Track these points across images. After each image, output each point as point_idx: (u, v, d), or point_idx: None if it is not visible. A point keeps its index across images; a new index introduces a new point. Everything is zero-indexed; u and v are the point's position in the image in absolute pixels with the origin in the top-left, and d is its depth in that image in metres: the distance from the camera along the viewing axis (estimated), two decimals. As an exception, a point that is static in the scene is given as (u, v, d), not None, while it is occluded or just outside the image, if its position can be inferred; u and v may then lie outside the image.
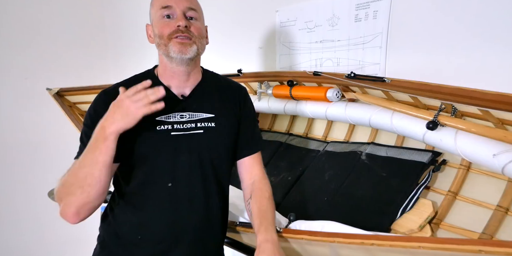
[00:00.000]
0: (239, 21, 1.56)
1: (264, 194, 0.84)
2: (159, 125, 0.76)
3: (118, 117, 0.66)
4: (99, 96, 0.78)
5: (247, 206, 0.86)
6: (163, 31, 0.75)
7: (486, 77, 0.89)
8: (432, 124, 0.87)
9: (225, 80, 0.91)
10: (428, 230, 0.86)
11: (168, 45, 0.75)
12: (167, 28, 0.75)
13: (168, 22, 0.75)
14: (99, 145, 0.67)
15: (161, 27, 0.75)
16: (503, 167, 0.75)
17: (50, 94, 1.76)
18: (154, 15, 0.78)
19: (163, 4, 0.75)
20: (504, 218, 0.81)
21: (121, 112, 0.66)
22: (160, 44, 0.76)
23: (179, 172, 0.78)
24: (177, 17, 0.75)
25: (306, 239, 0.80)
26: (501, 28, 0.85)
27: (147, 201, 0.78)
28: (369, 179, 1.03)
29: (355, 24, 1.15)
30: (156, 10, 0.77)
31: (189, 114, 0.79)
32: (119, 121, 0.66)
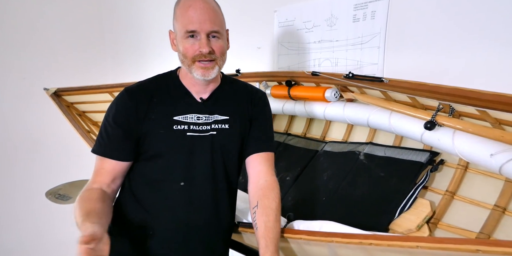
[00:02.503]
0: (237, 21, 1.56)
1: (271, 205, 0.80)
2: (176, 125, 0.80)
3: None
4: (121, 95, 0.81)
5: (252, 215, 0.82)
6: (187, 52, 0.78)
7: (483, 78, 0.90)
8: (430, 124, 0.88)
9: (243, 85, 0.93)
10: (426, 230, 0.86)
11: (192, 67, 0.79)
12: (191, 50, 0.77)
13: (192, 43, 0.77)
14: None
15: (185, 47, 0.77)
16: (500, 166, 0.75)
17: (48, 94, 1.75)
18: (178, 30, 0.79)
19: (187, 28, 0.76)
20: (502, 217, 0.82)
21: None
22: (183, 62, 0.80)
23: (192, 172, 0.81)
24: (201, 40, 0.77)
25: (304, 239, 0.80)
26: (498, 29, 0.85)
27: (159, 198, 0.81)
28: (367, 178, 1.03)
29: (353, 25, 1.15)
30: (180, 28, 0.78)
31: (205, 116, 0.82)
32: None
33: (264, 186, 0.83)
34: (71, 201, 1.48)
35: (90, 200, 0.74)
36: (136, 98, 0.80)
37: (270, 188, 0.82)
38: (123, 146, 0.79)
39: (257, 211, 0.80)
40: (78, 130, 1.68)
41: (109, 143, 0.79)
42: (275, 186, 0.83)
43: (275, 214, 0.80)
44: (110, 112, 0.80)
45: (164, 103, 0.81)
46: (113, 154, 0.79)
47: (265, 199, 0.81)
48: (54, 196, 1.47)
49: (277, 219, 0.80)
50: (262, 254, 0.75)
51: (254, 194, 0.83)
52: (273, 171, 0.87)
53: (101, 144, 0.80)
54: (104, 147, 0.80)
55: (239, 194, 1.19)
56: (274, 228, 0.78)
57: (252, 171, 0.86)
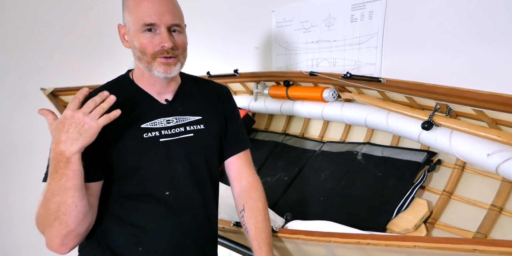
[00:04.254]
0: (235, 21, 1.56)
1: (258, 205, 0.79)
2: (145, 133, 0.71)
3: (74, 136, 0.59)
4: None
5: (241, 218, 0.80)
6: (146, 48, 0.69)
7: (480, 78, 0.90)
8: (427, 125, 0.88)
9: (204, 81, 0.88)
10: (423, 230, 0.86)
11: (152, 64, 0.70)
12: (150, 45, 0.68)
13: (151, 38, 0.68)
14: (63, 171, 0.60)
15: (142, 42, 0.68)
16: (497, 166, 0.76)
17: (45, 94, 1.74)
18: (132, 23, 0.69)
19: (145, 20, 0.67)
20: (498, 217, 0.82)
21: (75, 129, 0.59)
22: (141, 59, 0.70)
23: (175, 179, 0.73)
24: (161, 34, 0.68)
25: (302, 239, 0.80)
26: (496, 29, 0.86)
27: (145, 212, 0.72)
28: (365, 178, 1.03)
29: (351, 25, 1.15)
30: (134, 20, 0.68)
31: (176, 118, 0.76)
32: (76, 140, 0.59)
33: (247, 187, 0.81)
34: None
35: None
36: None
37: (254, 188, 0.81)
38: (92, 164, 0.66)
39: (244, 214, 0.79)
40: (75, 130, 1.67)
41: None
42: (258, 185, 0.82)
43: (263, 214, 0.78)
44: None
45: (126, 112, 0.68)
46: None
47: (250, 201, 0.79)
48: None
49: (266, 218, 0.78)
50: (256, 255, 0.74)
51: (239, 197, 0.82)
52: (253, 169, 0.85)
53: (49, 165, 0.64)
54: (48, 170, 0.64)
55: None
56: (265, 228, 0.77)
57: (233, 173, 0.84)
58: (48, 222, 0.62)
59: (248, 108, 1.46)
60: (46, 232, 0.64)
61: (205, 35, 1.69)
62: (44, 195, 0.63)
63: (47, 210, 0.62)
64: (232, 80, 1.43)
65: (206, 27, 1.66)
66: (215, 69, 1.43)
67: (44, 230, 0.64)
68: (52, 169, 0.61)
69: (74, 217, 0.62)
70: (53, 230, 0.62)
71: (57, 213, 0.62)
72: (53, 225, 0.62)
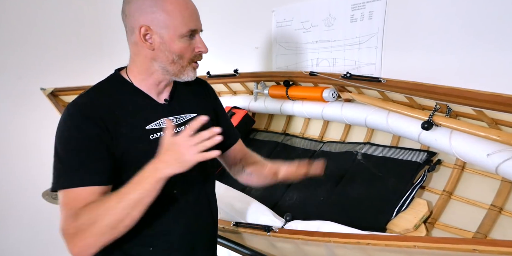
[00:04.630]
0: (235, 21, 1.56)
1: (255, 158, 0.91)
2: (151, 134, 0.72)
3: (172, 162, 0.62)
4: (74, 116, 0.68)
5: (240, 174, 0.90)
6: (185, 53, 0.72)
7: (480, 78, 0.90)
8: (427, 125, 0.88)
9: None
10: (423, 230, 0.87)
11: (186, 68, 0.73)
12: (189, 51, 0.72)
13: (189, 43, 0.72)
14: (148, 186, 0.61)
15: (182, 47, 0.71)
16: (497, 166, 0.76)
17: (45, 94, 1.74)
18: (171, 28, 0.70)
19: (190, 26, 0.70)
20: (498, 217, 0.82)
21: (174, 157, 0.62)
22: (175, 63, 0.72)
23: (181, 177, 0.72)
24: (198, 40, 0.73)
25: (302, 239, 0.80)
26: (496, 29, 0.86)
27: (154, 212, 0.70)
28: (364, 178, 1.03)
29: (351, 25, 1.15)
30: (178, 25, 0.70)
31: (176, 117, 0.77)
32: (173, 166, 0.62)
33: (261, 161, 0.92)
34: (68, 201, 1.47)
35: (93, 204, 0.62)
36: (98, 115, 0.67)
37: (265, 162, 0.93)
38: (101, 167, 0.65)
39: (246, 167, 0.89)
40: (75, 130, 1.67)
41: (81, 168, 0.64)
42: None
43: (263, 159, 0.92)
44: (69, 138, 0.66)
45: (129, 114, 0.70)
46: (92, 179, 0.64)
47: (248, 158, 0.91)
48: (51, 197, 1.46)
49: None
50: (277, 167, 0.88)
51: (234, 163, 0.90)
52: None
53: (68, 173, 0.64)
54: (74, 175, 0.63)
55: (236, 194, 1.19)
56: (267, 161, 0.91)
57: (239, 156, 0.90)
58: (103, 229, 0.60)
59: (248, 108, 1.46)
60: (88, 238, 0.61)
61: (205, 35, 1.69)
62: (114, 203, 0.61)
63: (113, 218, 0.61)
64: (232, 80, 1.43)
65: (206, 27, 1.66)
66: (215, 69, 1.43)
67: (86, 236, 0.61)
68: (139, 181, 0.62)
69: (127, 230, 0.62)
70: (103, 238, 0.61)
71: (120, 223, 0.61)
72: (105, 233, 0.61)
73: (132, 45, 0.74)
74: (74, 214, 0.61)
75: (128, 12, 0.72)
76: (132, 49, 0.75)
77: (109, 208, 0.61)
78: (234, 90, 1.56)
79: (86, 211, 0.61)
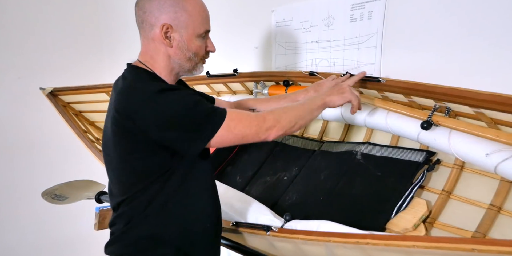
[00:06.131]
0: (234, 20, 1.56)
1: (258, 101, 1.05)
2: None
3: (336, 94, 0.85)
4: (161, 86, 0.74)
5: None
6: (199, 51, 0.80)
7: (480, 78, 0.90)
8: (426, 124, 0.88)
9: None
10: (423, 229, 0.87)
11: (198, 64, 0.82)
12: (202, 49, 0.81)
13: (203, 42, 0.80)
14: (319, 103, 0.83)
15: (198, 46, 0.80)
16: (495, 166, 0.76)
17: (44, 94, 1.74)
18: (190, 27, 0.77)
19: (206, 27, 0.80)
20: (497, 216, 0.82)
21: (338, 92, 0.86)
22: (191, 60, 0.80)
23: (208, 164, 0.83)
24: (209, 40, 0.83)
25: (301, 239, 0.80)
26: (496, 29, 0.86)
27: (194, 195, 0.81)
28: (364, 178, 1.03)
29: (350, 24, 1.15)
30: (197, 26, 0.77)
31: None
32: (337, 97, 0.85)
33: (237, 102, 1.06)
34: (68, 201, 1.47)
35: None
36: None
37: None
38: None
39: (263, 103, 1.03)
40: (74, 130, 1.67)
41: (213, 106, 0.74)
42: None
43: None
44: (182, 98, 0.71)
45: None
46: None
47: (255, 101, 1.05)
48: (50, 196, 1.46)
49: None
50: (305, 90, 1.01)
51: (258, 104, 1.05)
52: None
53: (216, 109, 0.72)
54: (217, 111, 0.72)
55: (235, 194, 1.19)
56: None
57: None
58: (292, 116, 0.78)
59: (248, 108, 1.46)
60: (293, 121, 0.78)
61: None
62: (295, 105, 0.83)
63: (297, 110, 0.80)
64: (232, 80, 1.43)
65: (205, 27, 1.66)
66: (214, 69, 1.43)
67: (284, 121, 0.76)
68: (311, 100, 0.84)
69: (301, 127, 0.85)
70: (290, 124, 0.77)
71: (301, 119, 0.80)
72: (293, 121, 0.78)
73: (149, 41, 0.79)
74: (255, 116, 0.75)
75: (148, 9, 0.76)
76: (148, 45, 0.80)
77: (295, 107, 0.81)
78: (234, 90, 1.56)
79: (275, 109, 0.79)
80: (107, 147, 0.80)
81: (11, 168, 2.05)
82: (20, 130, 2.07)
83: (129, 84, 0.75)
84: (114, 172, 0.81)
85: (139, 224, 0.79)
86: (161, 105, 0.69)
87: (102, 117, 1.90)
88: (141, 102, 0.70)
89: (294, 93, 1.03)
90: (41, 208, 1.80)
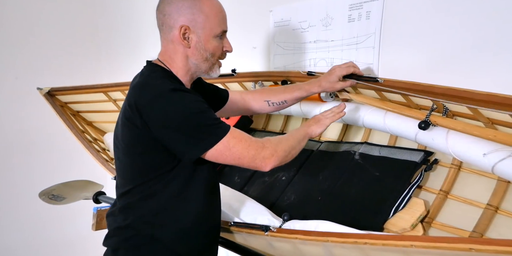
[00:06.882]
0: (233, 20, 1.55)
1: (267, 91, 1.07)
2: None
3: (316, 124, 0.91)
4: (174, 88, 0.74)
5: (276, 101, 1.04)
6: (216, 52, 0.82)
7: (477, 78, 0.90)
8: (424, 124, 0.88)
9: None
10: (420, 229, 0.87)
11: (214, 65, 0.83)
12: (219, 50, 0.82)
13: (220, 42, 0.82)
14: (303, 134, 0.87)
15: (215, 46, 0.81)
16: (493, 166, 0.76)
17: (41, 94, 1.74)
18: (207, 28, 0.79)
19: (223, 28, 0.82)
20: (494, 216, 0.82)
21: (317, 122, 0.92)
22: (207, 60, 0.81)
23: (211, 168, 0.85)
24: (226, 40, 0.84)
25: (300, 239, 0.80)
26: (493, 29, 0.86)
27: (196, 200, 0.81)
28: (362, 178, 1.03)
29: (348, 25, 1.15)
30: (215, 26, 0.79)
31: None
32: (315, 126, 0.91)
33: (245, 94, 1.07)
34: (65, 201, 1.47)
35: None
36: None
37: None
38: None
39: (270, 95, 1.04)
40: (72, 130, 1.66)
41: (219, 120, 0.74)
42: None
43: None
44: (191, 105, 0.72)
45: None
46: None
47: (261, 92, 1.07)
48: (48, 197, 1.46)
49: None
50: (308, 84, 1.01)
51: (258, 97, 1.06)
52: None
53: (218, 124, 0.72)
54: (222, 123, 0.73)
55: (233, 194, 1.19)
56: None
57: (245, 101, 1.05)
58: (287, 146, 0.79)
59: (246, 108, 1.46)
60: (285, 151, 0.79)
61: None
62: (285, 136, 0.84)
63: (290, 141, 0.82)
64: (230, 80, 1.43)
65: (203, 26, 1.66)
66: (213, 69, 1.43)
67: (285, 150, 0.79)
68: (297, 130, 0.88)
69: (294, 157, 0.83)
70: (289, 156, 0.81)
71: (293, 150, 0.82)
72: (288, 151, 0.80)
73: (168, 42, 0.81)
74: (256, 141, 0.75)
75: (167, 12, 0.78)
76: (168, 46, 0.81)
77: (287, 138, 0.82)
78: (232, 90, 1.56)
79: (270, 138, 0.79)
80: (117, 138, 0.82)
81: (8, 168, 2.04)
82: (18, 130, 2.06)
83: (144, 79, 0.78)
84: (120, 164, 0.83)
85: (137, 220, 0.80)
86: (169, 104, 0.71)
87: (100, 117, 1.90)
88: (152, 98, 0.72)
89: (308, 83, 1.02)
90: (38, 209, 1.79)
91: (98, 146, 1.72)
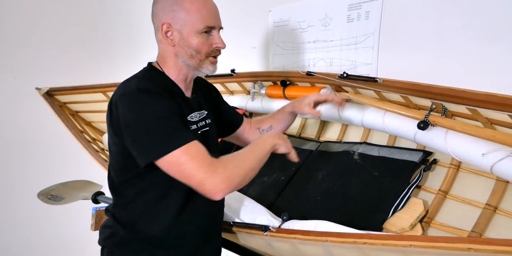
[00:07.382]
0: (232, 20, 1.55)
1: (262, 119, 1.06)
2: (190, 125, 0.80)
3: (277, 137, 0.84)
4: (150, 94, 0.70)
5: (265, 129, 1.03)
6: (202, 48, 0.77)
7: (476, 78, 0.91)
8: (423, 124, 0.88)
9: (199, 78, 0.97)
10: (419, 229, 0.87)
11: (204, 62, 0.79)
12: (206, 46, 0.77)
13: (206, 39, 0.77)
14: (267, 148, 0.78)
15: (200, 42, 0.76)
16: (491, 166, 0.76)
17: (40, 94, 1.73)
18: (188, 24, 0.75)
19: (208, 23, 0.76)
20: (493, 216, 0.83)
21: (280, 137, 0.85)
22: (193, 57, 0.78)
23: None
24: (216, 36, 0.79)
25: (299, 239, 0.80)
26: (492, 28, 0.86)
27: (191, 198, 0.79)
28: (361, 178, 1.04)
29: (347, 25, 1.15)
30: (196, 22, 0.75)
31: (199, 113, 0.85)
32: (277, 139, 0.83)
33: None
34: (64, 201, 1.46)
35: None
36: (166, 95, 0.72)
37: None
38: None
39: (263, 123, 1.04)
40: (71, 130, 1.66)
41: (182, 129, 0.68)
42: None
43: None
44: (156, 109, 0.68)
45: (177, 104, 0.76)
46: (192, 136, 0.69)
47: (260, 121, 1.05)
48: (46, 197, 1.45)
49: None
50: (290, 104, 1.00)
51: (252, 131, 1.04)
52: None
53: (175, 134, 0.66)
54: (182, 134, 0.67)
55: (233, 194, 1.19)
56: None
57: (247, 132, 1.03)
58: (243, 170, 0.71)
59: (245, 108, 1.46)
60: (238, 178, 0.70)
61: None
62: (244, 153, 0.75)
63: (248, 162, 0.73)
64: (229, 80, 1.43)
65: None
66: (212, 69, 1.43)
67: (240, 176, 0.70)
68: (258, 144, 0.79)
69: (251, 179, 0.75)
70: (241, 178, 0.70)
71: (252, 171, 0.73)
72: (245, 174, 0.71)
73: (159, 42, 0.80)
74: (210, 163, 0.66)
75: (155, 12, 0.78)
76: (159, 46, 0.81)
77: (248, 158, 0.73)
78: (231, 90, 1.56)
79: (227, 160, 0.70)
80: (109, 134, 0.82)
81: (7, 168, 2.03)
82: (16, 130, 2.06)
83: (128, 78, 0.78)
84: (109, 159, 0.84)
85: (120, 219, 0.81)
86: (130, 103, 0.69)
87: (98, 117, 1.90)
88: (121, 95, 0.71)
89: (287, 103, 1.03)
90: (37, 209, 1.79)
91: (97, 146, 1.71)
